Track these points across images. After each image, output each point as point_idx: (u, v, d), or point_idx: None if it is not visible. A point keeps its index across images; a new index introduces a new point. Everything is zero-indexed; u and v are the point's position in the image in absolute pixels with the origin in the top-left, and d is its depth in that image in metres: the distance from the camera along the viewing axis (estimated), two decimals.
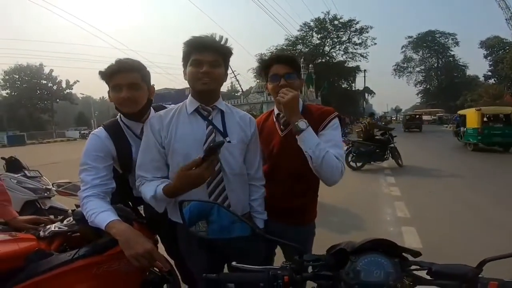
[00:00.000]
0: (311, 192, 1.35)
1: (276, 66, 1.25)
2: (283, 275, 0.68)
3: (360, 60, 38.92)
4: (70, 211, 1.36)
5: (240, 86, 31.72)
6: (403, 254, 0.69)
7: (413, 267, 0.68)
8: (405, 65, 46.79)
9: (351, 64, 38.95)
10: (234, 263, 0.74)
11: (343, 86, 39.27)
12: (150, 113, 1.29)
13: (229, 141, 1.12)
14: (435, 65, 45.38)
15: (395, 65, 47.19)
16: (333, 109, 1.33)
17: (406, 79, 47.79)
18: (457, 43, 43.48)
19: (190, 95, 1.17)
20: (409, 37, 45.65)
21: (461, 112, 11.98)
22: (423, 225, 3.53)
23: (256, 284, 0.68)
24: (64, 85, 41.19)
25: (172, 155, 1.11)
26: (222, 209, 0.74)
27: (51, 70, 40.96)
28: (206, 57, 1.06)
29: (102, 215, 1.05)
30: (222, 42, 1.10)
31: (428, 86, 45.41)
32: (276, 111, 1.36)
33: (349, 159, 7.33)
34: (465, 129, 10.72)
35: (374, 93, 42.50)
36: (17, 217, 1.33)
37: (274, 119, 1.36)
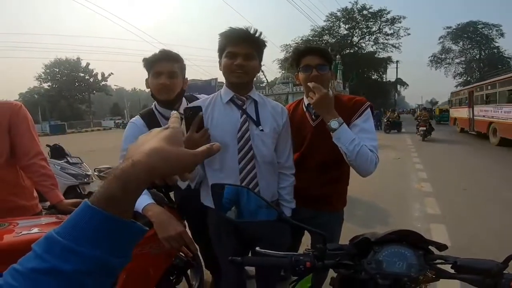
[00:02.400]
0: (341, 180, 1.38)
1: (309, 57, 1.26)
2: (305, 261, 0.68)
3: (392, 51, 36.70)
4: None
5: (265, 77, 31.54)
6: (429, 247, 0.68)
7: (437, 260, 0.67)
8: (443, 56, 43.54)
9: (382, 55, 37.03)
10: (257, 248, 0.76)
11: (373, 77, 37.50)
12: (182, 103, 1.38)
13: (261, 130, 1.16)
14: (477, 56, 41.84)
15: (432, 56, 44.02)
16: (365, 99, 1.33)
17: (444, 71, 44.62)
18: (502, 35, 39.58)
19: (224, 85, 1.21)
20: (448, 27, 42.38)
21: None
22: (453, 223, 3.38)
23: (277, 269, 0.70)
24: (100, 77, 43.67)
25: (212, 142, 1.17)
26: (251, 194, 0.76)
27: (88, 64, 43.60)
28: (241, 49, 1.09)
29: (139, 198, 1.11)
30: (257, 35, 1.13)
31: (468, 79, 41.84)
32: (306, 101, 1.37)
33: None
34: None
35: (407, 85, 40.40)
36: (64, 201, 1.40)
37: (305, 109, 1.37)
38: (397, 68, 38.21)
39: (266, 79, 31.78)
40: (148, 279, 1.21)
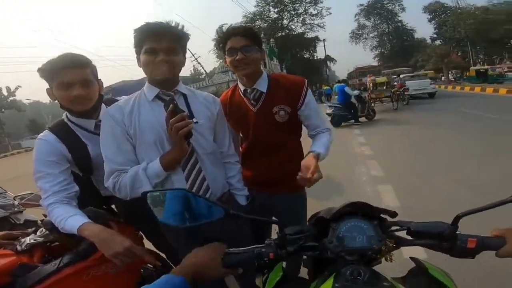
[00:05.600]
0: (294, 159, 1.28)
1: (233, 39, 1.21)
2: (268, 252, 0.67)
3: (318, 31, 40.18)
4: (39, 221, 1.29)
5: (203, 68, 31.14)
6: (382, 216, 0.69)
7: (393, 228, 0.69)
8: (360, 32, 48.90)
9: (311, 34, 40.20)
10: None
11: (305, 56, 40.46)
12: (102, 109, 1.23)
13: (196, 122, 1.10)
14: (386, 30, 47.91)
15: (351, 32, 49.14)
16: (302, 79, 1.35)
17: (363, 45, 50.31)
18: (403, 9, 46.22)
19: (147, 83, 1.12)
20: (361, 5, 47.57)
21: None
22: (397, 182, 3.69)
23: (248, 265, 0.68)
24: (5, 92, 36.91)
25: (141, 145, 1.07)
26: (192, 195, 0.72)
27: None
28: (162, 44, 1.02)
29: (70, 220, 1.01)
30: (179, 28, 1.07)
31: (382, 50, 48.12)
32: (241, 87, 1.32)
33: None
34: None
35: (336, 61, 44.28)
36: None
37: (242, 95, 1.33)
38: (324, 46, 41.64)
39: (205, 70, 31.41)
40: None
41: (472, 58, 33.19)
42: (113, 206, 1.38)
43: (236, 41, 1.20)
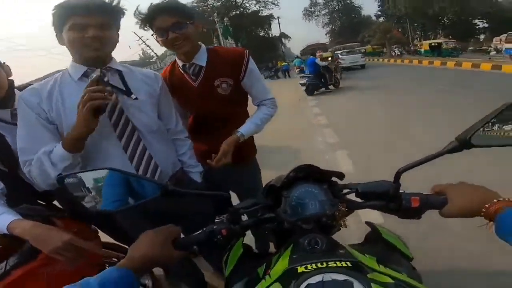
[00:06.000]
0: None
1: (160, 18, 1.11)
2: (220, 229, 0.65)
3: (272, 8, 40.22)
4: None
5: (153, 51, 29.65)
6: (332, 180, 0.68)
7: (343, 191, 0.68)
8: (312, 9, 50.19)
9: (265, 13, 39.99)
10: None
11: (260, 34, 40.40)
12: (16, 96, 1.14)
13: (135, 98, 1.02)
14: (336, 7, 49.73)
15: (304, 10, 50.16)
16: (243, 49, 1.32)
17: (315, 22, 52.08)
18: None
19: (72, 62, 1.00)
20: None
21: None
22: (351, 148, 3.99)
23: (207, 244, 0.65)
24: None
25: (65, 131, 0.95)
26: (117, 173, 0.63)
27: None
28: (92, 20, 0.91)
29: None
30: (114, 3, 0.97)
31: (333, 27, 50.15)
32: (180, 63, 1.28)
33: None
34: None
35: (290, 38, 45.01)
36: None
37: (181, 71, 1.28)
38: (279, 23, 42.51)
39: (155, 53, 29.88)
40: None
41: (411, 34, 36.29)
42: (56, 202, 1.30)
43: (163, 20, 1.11)
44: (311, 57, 10.69)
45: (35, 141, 0.94)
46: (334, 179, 0.70)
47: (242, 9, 38.58)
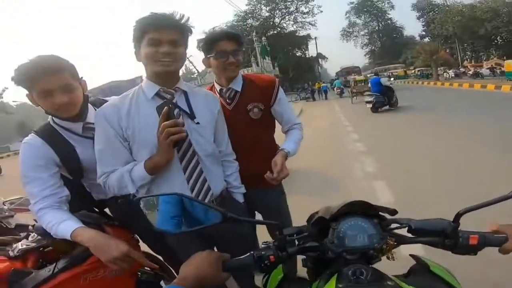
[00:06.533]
0: (270, 155, 1.31)
1: (225, 42, 1.24)
2: (268, 255, 0.67)
3: (309, 29, 40.76)
4: (30, 226, 1.27)
5: (195, 67, 31.00)
6: (380, 213, 0.69)
7: (392, 225, 0.68)
8: (350, 30, 49.70)
9: (302, 33, 40.65)
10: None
11: (297, 54, 40.76)
12: (89, 110, 1.18)
13: (197, 123, 1.07)
14: (376, 28, 48.67)
15: (342, 30, 49.82)
16: (274, 78, 1.45)
17: (353, 43, 51.06)
18: (392, 7, 47.26)
19: (146, 79, 1.07)
20: (351, 3, 48.29)
21: None
22: (392, 178, 3.66)
23: (248, 270, 0.66)
24: None
25: (138, 149, 1.03)
26: (188, 200, 0.71)
27: None
28: (166, 36, 0.97)
29: (63, 225, 0.99)
30: (183, 21, 1.03)
31: (373, 48, 49.00)
32: (218, 87, 1.37)
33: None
34: None
35: (327, 58, 45.05)
36: None
37: (218, 95, 1.36)
38: (316, 44, 42.10)
39: (197, 70, 31.27)
40: None
41: (460, 55, 33.94)
42: (107, 210, 1.36)
43: (228, 45, 1.24)
44: (375, 76, 11.03)
45: (113, 156, 1.03)
46: (382, 214, 0.70)
47: (279, 29, 39.54)
